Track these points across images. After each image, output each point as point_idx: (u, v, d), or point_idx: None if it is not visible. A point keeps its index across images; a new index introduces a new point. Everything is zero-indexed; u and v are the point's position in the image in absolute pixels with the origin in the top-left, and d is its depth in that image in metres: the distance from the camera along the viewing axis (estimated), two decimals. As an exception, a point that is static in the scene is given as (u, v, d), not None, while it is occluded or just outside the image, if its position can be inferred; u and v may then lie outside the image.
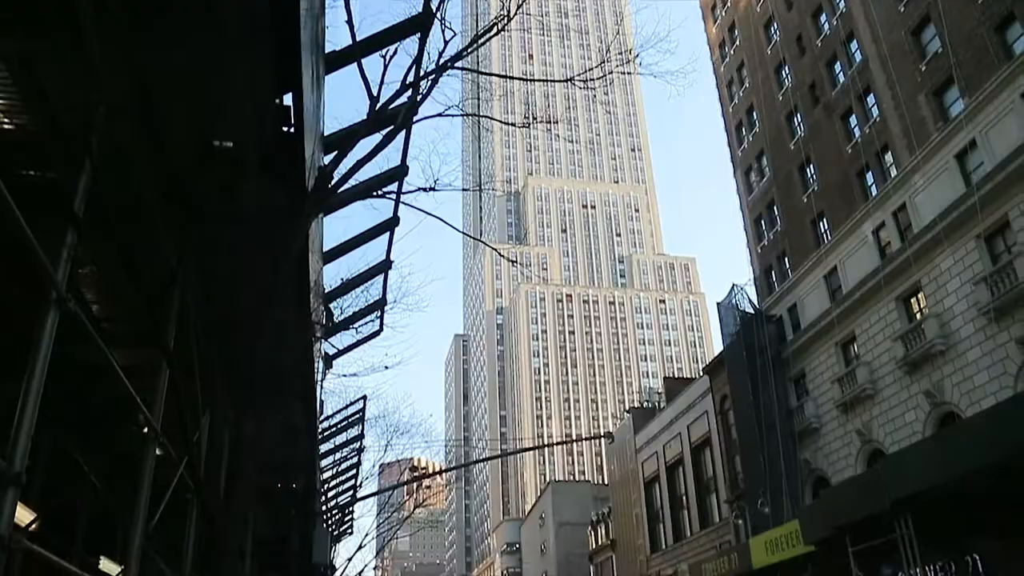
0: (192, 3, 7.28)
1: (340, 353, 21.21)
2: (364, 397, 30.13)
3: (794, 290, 42.69)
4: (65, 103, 7.85)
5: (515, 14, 13.18)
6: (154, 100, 8.05)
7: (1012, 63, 28.54)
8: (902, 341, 32.77)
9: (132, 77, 7.62)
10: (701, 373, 53.51)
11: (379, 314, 19.54)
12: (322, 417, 26.60)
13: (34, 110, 8.13)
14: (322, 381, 21.62)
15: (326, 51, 10.68)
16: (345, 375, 26.93)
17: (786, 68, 46.23)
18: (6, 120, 8.27)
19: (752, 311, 44.71)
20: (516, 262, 23.52)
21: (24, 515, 12.72)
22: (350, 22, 10.43)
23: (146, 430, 9.87)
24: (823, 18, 42.90)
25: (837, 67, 41.28)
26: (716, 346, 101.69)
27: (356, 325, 19.51)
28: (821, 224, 41.50)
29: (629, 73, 16.45)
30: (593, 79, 15.15)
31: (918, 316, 33.04)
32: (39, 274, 6.48)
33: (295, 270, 11.58)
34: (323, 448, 29.31)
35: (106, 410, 12.58)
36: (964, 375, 29.55)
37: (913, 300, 33.75)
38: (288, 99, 9.06)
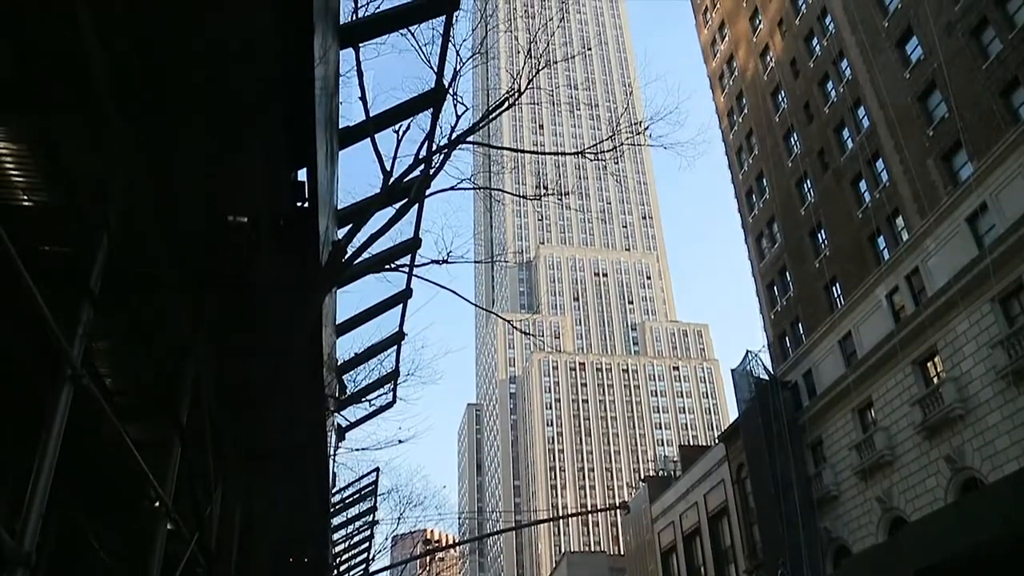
0: (209, 82, 7.39)
1: (353, 425, 21.11)
2: (377, 469, 29.89)
3: (809, 356, 42.42)
4: (83, 179, 7.94)
5: (526, 89, 13.35)
6: (170, 176, 8.13)
7: (1019, 127, 28.70)
8: (920, 406, 32.41)
9: (149, 153, 7.70)
10: (716, 441, 52.96)
11: (392, 386, 19.48)
12: (335, 490, 26.36)
13: (52, 186, 8.21)
14: (335, 454, 21.48)
15: (340, 126, 10.79)
16: (357, 449, 26.75)
17: (795, 135, 46.59)
18: (25, 196, 8.36)
19: (767, 377, 44.39)
20: (529, 333, 23.47)
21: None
22: (363, 98, 10.56)
23: (157, 504, 9.78)
24: (829, 85, 43.36)
25: (845, 133, 41.59)
26: (731, 413, 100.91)
27: (369, 398, 19.43)
28: (834, 289, 41.40)
29: (639, 145, 16.57)
30: (604, 151, 15.27)
31: (935, 380, 32.71)
32: (54, 349, 6.48)
33: (308, 344, 11.56)
34: (335, 521, 28.99)
35: (117, 484, 12.48)
36: (985, 439, 29.13)
37: (929, 364, 33.46)
38: (302, 175, 9.13)
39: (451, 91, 11.41)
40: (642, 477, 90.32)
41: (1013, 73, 29.64)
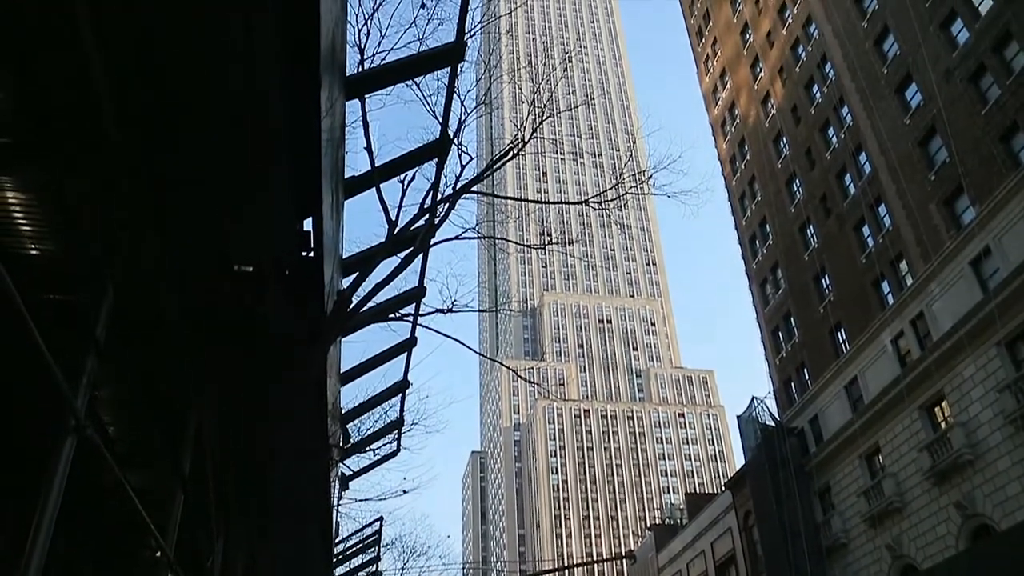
0: (217, 133, 7.46)
1: (357, 474, 20.96)
2: (380, 519, 29.60)
3: (815, 401, 42.22)
4: (89, 228, 7.98)
5: (529, 139, 13.45)
6: (176, 225, 8.17)
7: (1020, 171, 28.83)
8: (928, 451, 32.16)
9: (155, 203, 7.75)
10: (723, 488, 52.55)
11: (396, 435, 19.38)
12: (337, 540, 26.12)
13: (59, 235, 8.25)
14: (338, 503, 21.32)
15: (345, 176, 10.86)
16: (360, 500, 26.57)
17: (797, 181, 46.83)
18: (32, 245, 8.40)
19: (773, 424, 44.13)
20: (533, 382, 23.42)
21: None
22: (369, 149, 10.64)
23: (159, 554, 9.69)
24: (831, 131, 43.67)
25: (847, 179, 41.80)
26: (737, 460, 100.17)
27: (373, 447, 19.33)
28: (839, 334, 41.33)
29: (643, 194, 16.66)
30: (608, 200, 15.35)
31: (943, 425, 32.50)
32: (58, 398, 6.47)
33: (313, 394, 11.53)
34: (339, 571, 28.67)
35: (119, 533, 12.38)
36: (995, 485, 28.85)
37: (937, 409, 33.27)
38: (308, 224, 9.18)
39: (456, 141, 11.50)
40: (648, 525, 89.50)
41: (1012, 118, 29.85)
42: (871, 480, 36.49)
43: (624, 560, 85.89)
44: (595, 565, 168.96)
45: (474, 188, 12.86)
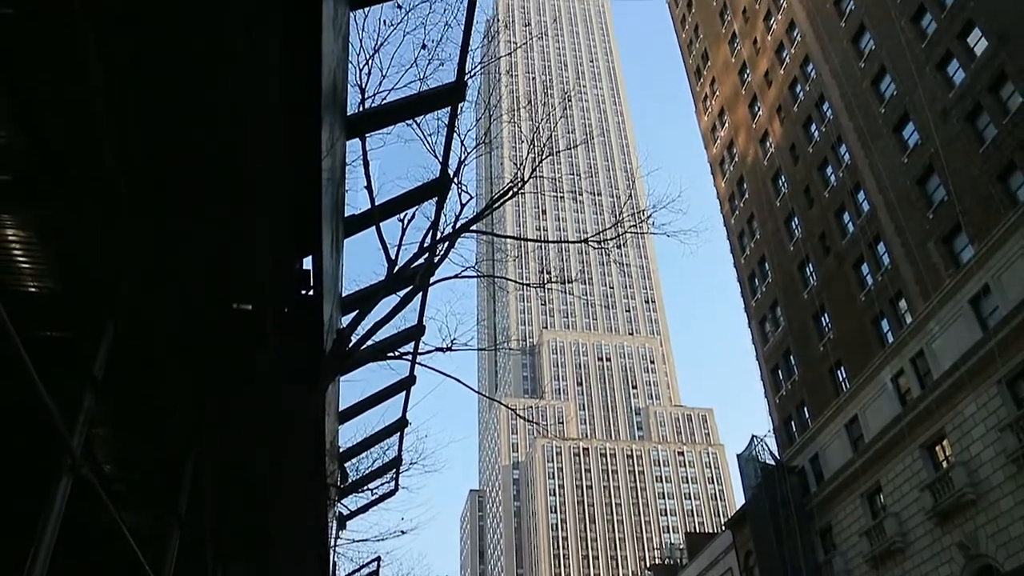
0: (218, 172, 7.48)
1: (355, 514, 20.79)
2: (378, 559, 29.28)
3: (815, 440, 42.02)
4: (90, 266, 7.97)
5: (529, 178, 13.50)
6: (176, 263, 8.17)
7: (1018, 210, 28.93)
8: (930, 491, 31.95)
9: (156, 241, 7.75)
10: (723, 527, 52.22)
11: (394, 474, 19.24)
12: (336, 580, 25.82)
13: (59, 273, 8.24)
14: (335, 543, 21.12)
15: (345, 215, 10.88)
16: (358, 540, 26.29)
17: (796, 219, 46.97)
18: (31, 283, 8.38)
19: (773, 463, 43.91)
20: (532, 421, 23.32)
21: None
22: (369, 188, 10.66)
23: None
24: (829, 170, 43.88)
25: (846, 217, 41.93)
26: (738, 499, 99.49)
27: (371, 486, 19.18)
28: (839, 372, 41.23)
29: (642, 233, 16.67)
30: (607, 239, 15.36)
31: (944, 464, 32.32)
32: (54, 436, 6.42)
33: (311, 433, 11.47)
34: (336, 613, 28.31)
35: (114, 574, 12.25)
36: (998, 525, 28.62)
37: (938, 448, 33.11)
38: (308, 263, 9.18)
39: (456, 180, 11.53)
40: (648, 566, 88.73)
41: (1009, 157, 30.02)
42: (873, 520, 36.22)
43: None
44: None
45: (473, 227, 12.88)
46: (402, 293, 11.79)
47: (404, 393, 15.78)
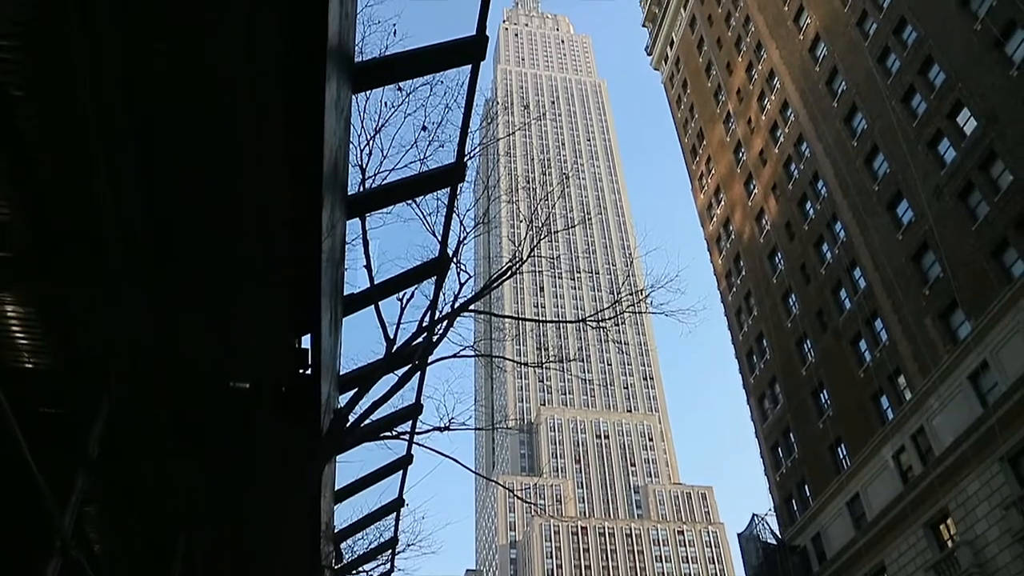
0: (218, 252, 7.53)
1: (350, 596, 20.39)
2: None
3: (817, 519, 41.50)
4: (87, 343, 7.97)
5: (527, 259, 13.58)
6: (174, 341, 8.17)
7: (1012, 285, 29.06)
8: (935, 571, 31.46)
9: (154, 319, 7.77)
10: (727, 609, 51.19)
11: (390, 555, 18.96)
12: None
13: (56, 350, 8.24)
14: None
15: (344, 294, 10.91)
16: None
17: (793, 296, 47.13)
18: (27, 359, 8.37)
19: (775, 542, 43.30)
20: (530, 502, 23.06)
21: None
22: (368, 267, 10.73)
23: None
24: (825, 247, 44.18)
25: (843, 293, 42.08)
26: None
27: (367, 568, 18.89)
28: (839, 450, 40.91)
29: (640, 312, 16.71)
30: (605, 319, 15.40)
31: (949, 544, 31.88)
32: (45, 517, 6.35)
33: (306, 514, 11.32)
34: None
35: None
36: (1005, 607, 28.15)
37: (942, 526, 32.69)
38: (306, 341, 9.17)
39: (455, 260, 11.60)
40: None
41: (1002, 234, 30.27)
42: (878, 601, 35.60)
43: None
44: None
45: (472, 306, 12.91)
46: (400, 372, 11.75)
47: (401, 472, 15.62)
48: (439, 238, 10.91)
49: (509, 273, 13.56)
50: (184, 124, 6.36)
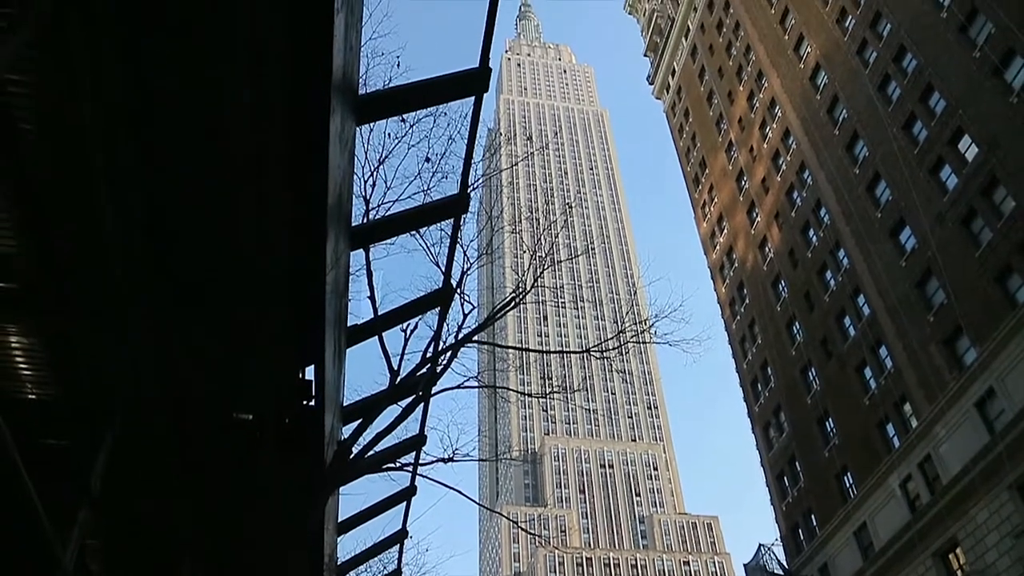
0: (221, 284, 7.53)
1: (353, 629, 20.20)
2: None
3: (824, 548, 41.15)
4: (91, 375, 7.95)
5: (531, 289, 13.58)
6: (177, 373, 8.15)
7: (1017, 312, 28.98)
8: (945, 601, 31.17)
9: (157, 351, 7.76)
10: (734, 641, 50.68)
11: (394, 587, 18.82)
12: None
13: (59, 382, 8.21)
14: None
15: (348, 324, 10.89)
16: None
17: (796, 323, 47.04)
18: (30, 390, 8.35)
19: (781, 572, 42.93)
20: (534, 533, 22.95)
21: None
22: (372, 298, 10.71)
23: None
24: (828, 274, 44.15)
25: (847, 321, 41.99)
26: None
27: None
28: (845, 478, 40.65)
29: (644, 343, 16.69)
30: (609, 350, 15.37)
31: (959, 573, 31.57)
32: (46, 551, 6.30)
33: (309, 546, 11.23)
34: None
35: None
36: (1017, 638, 27.84)
37: (951, 556, 32.38)
38: (310, 372, 9.13)
39: (459, 291, 11.58)
40: None
41: (1006, 260, 30.24)
42: (887, 632, 35.21)
43: None
44: None
45: (475, 337, 12.88)
46: (404, 403, 11.70)
47: (405, 504, 15.52)
48: (443, 269, 10.90)
49: (513, 304, 13.55)
50: (187, 157, 6.38)
